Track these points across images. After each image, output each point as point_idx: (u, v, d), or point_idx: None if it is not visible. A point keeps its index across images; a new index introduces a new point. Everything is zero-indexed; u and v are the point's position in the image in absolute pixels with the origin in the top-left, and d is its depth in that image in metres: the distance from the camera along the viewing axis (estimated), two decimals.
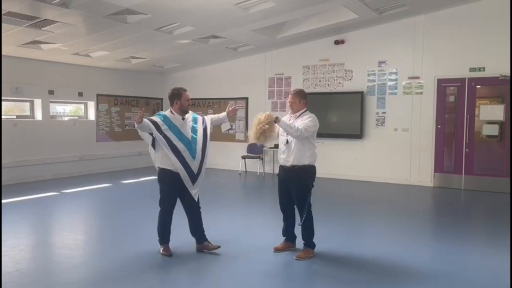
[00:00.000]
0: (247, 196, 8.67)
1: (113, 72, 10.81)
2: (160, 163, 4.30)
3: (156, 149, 4.33)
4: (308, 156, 4.20)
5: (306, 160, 4.19)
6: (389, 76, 9.12)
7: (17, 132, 8.87)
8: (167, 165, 4.26)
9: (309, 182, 4.23)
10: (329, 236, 5.11)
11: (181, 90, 4.37)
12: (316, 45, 9.81)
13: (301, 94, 4.45)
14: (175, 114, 4.33)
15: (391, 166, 9.08)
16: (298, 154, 4.18)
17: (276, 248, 4.50)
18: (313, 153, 4.26)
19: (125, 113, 11.31)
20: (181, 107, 4.33)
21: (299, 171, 4.20)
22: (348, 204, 7.26)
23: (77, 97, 10.15)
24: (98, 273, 3.97)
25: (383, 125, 9.20)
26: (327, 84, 9.83)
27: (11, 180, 8.58)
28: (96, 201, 7.57)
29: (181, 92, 4.35)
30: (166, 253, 4.35)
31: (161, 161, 4.29)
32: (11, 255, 4.33)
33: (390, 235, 5.30)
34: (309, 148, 4.22)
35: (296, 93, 4.42)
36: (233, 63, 10.89)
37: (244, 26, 7.89)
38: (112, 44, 8.35)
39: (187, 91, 4.40)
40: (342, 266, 4.15)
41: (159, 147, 4.26)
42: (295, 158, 4.19)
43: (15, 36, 7.21)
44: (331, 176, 9.68)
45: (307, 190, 4.22)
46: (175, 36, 8.03)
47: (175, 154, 4.19)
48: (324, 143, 9.82)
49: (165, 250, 4.37)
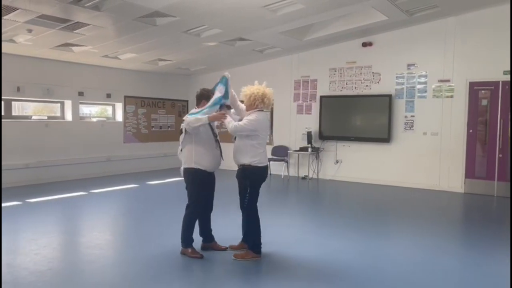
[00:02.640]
0: (271, 199, 8.62)
1: (140, 74, 10.95)
2: (196, 163, 4.28)
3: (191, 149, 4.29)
4: (250, 156, 4.17)
5: (246, 160, 4.18)
6: (418, 79, 8.93)
7: (48, 133, 9.07)
8: (203, 165, 4.27)
9: (247, 183, 4.22)
10: (351, 243, 5.02)
11: (211, 92, 4.40)
12: (343, 47, 9.70)
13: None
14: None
15: (420, 170, 8.88)
16: (238, 154, 4.24)
17: (231, 246, 4.55)
18: (256, 154, 4.19)
19: (151, 114, 11.43)
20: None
21: (238, 170, 4.28)
22: (375, 210, 7.13)
23: (105, 98, 10.32)
24: (127, 273, 3.99)
25: (412, 129, 9.01)
26: (354, 87, 9.70)
27: (41, 180, 8.78)
28: (123, 202, 7.66)
29: (210, 95, 4.36)
30: (197, 255, 4.33)
31: (197, 161, 4.27)
32: (44, 254, 4.41)
33: (417, 242, 5.15)
34: (251, 149, 4.18)
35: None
36: (259, 65, 10.88)
37: (272, 28, 7.86)
38: (141, 46, 8.46)
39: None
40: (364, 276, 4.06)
41: (197, 145, 4.25)
42: (235, 157, 4.29)
43: (48, 38, 7.37)
44: (357, 180, 9.55)
45: (243, 190, 4.24)
46: (203, 39, 8.07)
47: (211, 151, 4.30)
48: (350, 147, 9.75)
49: (193, 252, 4.36)
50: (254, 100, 4.25)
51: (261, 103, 4.27)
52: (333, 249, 4.74)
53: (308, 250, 4.71)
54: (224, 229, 5.00)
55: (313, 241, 5.06)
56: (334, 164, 9.99)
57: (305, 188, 9.25)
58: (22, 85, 8.63)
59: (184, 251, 4.38)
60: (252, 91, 4.30)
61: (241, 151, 4.22)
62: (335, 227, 5.74)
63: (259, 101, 4.25)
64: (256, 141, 4.20)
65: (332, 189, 9.20)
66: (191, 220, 4.38)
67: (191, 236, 4.38)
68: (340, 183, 9.62)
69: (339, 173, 9.94)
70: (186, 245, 4.38)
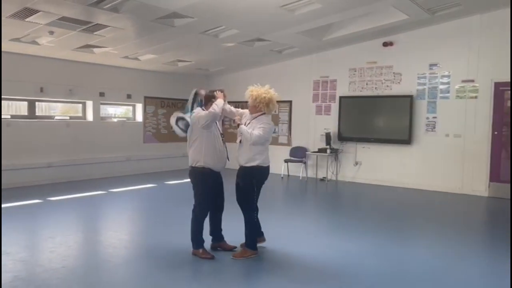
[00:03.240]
0: (288, 200, 8.55)
1: (160, 75, 11.05)
2: (204, 162, 4.27)
3: (199, 148, 4.29)
4: (259, 158, 4.27)
5: (255, 162, 4.25)
6: (441, 79, 8.70)
7: (69, 132, 9.25)
8: (210, 164, 4.26)
9: (254, 182, 4.31)
10: (369, 247, 4.91)
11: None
12: (363, 47, 9.55)
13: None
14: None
15: (442, 173, 8.65)
16: (246, 156, 4.28)
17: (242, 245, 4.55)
18: (265, 156, 4.35)
19: (171, 115, 11.49)
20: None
21: (245, 170, 4.31)
22: (394, 213, 6.97)
23: (125, 99, 10.46)
24: (139, 273, 4.01)
25: (434, 131, 8.79)
26: (374, 88, 9.54)
27: (62, 178, 8.95)
28: (140, 201, 7.73)
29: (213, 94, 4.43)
30: (208, 256, 4.33)
31: (205, 160, 4.26)
32: (59, 252, 4.47)
33: (437, 247, 5.00)
34: (260, 152, 4.29)
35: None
36: (278, 66, 10.82)
37: (290, 29, 7.80)
38: (160, 47, 8.53)
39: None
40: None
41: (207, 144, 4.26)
42: (243, 159, 4.31)
43: (69, 40, 7.51)
44: (376, 182, 9.38)
45: (251, 190, 4.31)
46: (221, 39, 8.07)
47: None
48: (370, 148, 9.59)
49: (204, 253, 4.35)
50: (259, 103, 4.28)
51: (265, 107, 4.30)
52: (348, 252, 4.64)
53: (322, 252, 4.64)
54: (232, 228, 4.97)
55: (329, 244, 4.98)
56: (354, 165, 9.84)
57: (323, 189, 9.15)
58: (45, 86, 8.83)
59: (195, 252, 4.37)
60: (259, 94, 4.31)
61: (249, 153, 4.27)
62: (352, 230, 5.64)
63: (263, 105, 4.29)
64: (265, 145, 4.35)
65: (351, 191, 9.06)
66: (198, 221, 4.38)
67: (200, 237, 4.38)
68: (359, 185, 9.47)
69: (358, 175, 9.79)
70: (196, 246, 4.39)
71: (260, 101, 4.27)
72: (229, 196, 4.58)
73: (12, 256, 4.26)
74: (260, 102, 4.27)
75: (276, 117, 11.10)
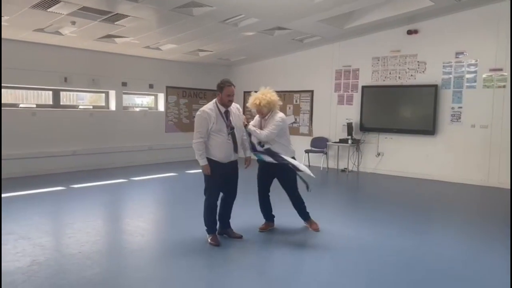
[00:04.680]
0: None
1: (181, 65, 11.10)
2: (210, 155, 4.32)
3: (207, 142, 4.31)
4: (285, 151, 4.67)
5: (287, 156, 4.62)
6: (467, 68, 8.41)
7: (93, 122, 9.43)
8: (215, 156, 4.31)
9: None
10: (388, 239, 4.82)
11: (225, 83, 4.38)
12: (386, 35, 9.31)
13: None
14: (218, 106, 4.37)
15: (467, 165, 8.40)
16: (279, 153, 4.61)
17: (261, 228, 4.92)
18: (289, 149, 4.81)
19: (192, 105, 11.58)
20: (221, 101, 4.37)
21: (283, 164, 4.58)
22: (416, 205, 6.82)
23: (148, 89, 10.57)
24: (152, 259, 4.07)
25: (459, 121, 8.53)
26: (397, 77, 9.31)
27: (86, 166, 9.15)
28: (160, 189, 7.83)
29: (223, 86, 4.35)
30: (215, 243, 4.37)
31: (212, 152, 4.32)
32: (77, 237, 4.58)
33: (460, 241, 4.87)
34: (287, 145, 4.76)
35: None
36: (299, 55, 10.70)
37: (310, 17, 7.67)
38: (180, 37, 8.55)
39: (232, 85, 4.39)
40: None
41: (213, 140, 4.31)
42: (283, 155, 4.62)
43: (91, 30, 7.62)
44: (399, 174, 9.20)
45: (292, 178, 4.78)
46: (240, 28, 8.02)
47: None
48: (393, 139, 9.40)
49: (213, 239, 4.41)
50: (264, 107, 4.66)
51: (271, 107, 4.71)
52: (367, 245, 4.57)
53: (340, 244, 4.58)
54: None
55: (347, 235, 4.91)
56: (375, 156, 9.67)
57: (344, 181, 9.04)
58: (69, 76, 9.01)
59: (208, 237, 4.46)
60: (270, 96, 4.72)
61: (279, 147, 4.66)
62: (372, 221, 5.54)
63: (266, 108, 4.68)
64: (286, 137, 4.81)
65: (372, 182, 8.91)
66: (207, 207, 4.44)
67: (212, 223, 4.46)
68: (381, 176, 9.31)
69: (380, 166, 9.62)
70: (208, 231, 4.47)
71: (264, 105, 4.62)
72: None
73: (32, 241, 4.40)
74: (264, 106, 4.62)
75: (297, 107, 11.01)
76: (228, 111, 4.40)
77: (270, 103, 4.63)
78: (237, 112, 4.51)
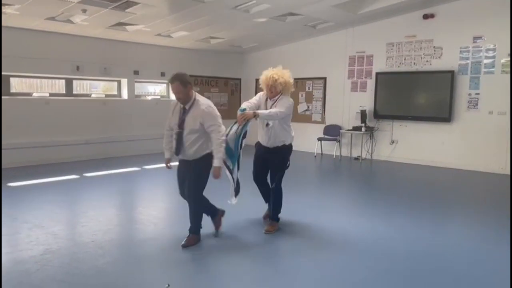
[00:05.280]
0: (320, 179, 8.42)
1: (193, 53, 11.02)
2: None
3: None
4: (286, 137, 4.50)
5: (285, 141, 4.48)
6: (485, 53, 8.18)
7: (105, 110, 9.45)
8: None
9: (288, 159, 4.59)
10: (401, 229, 4.75)
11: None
12: (401, 20, 9.09)
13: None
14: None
15: (484, 152, 8.22)
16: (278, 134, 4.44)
17: (265, 216, 4.79)
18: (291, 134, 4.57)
19: (204, 93, 11.51)
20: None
21: (281, 149, 4.49)
22: (431, 194, 6.71)
23: (159, 77, 10.54)
24: (164, 249, 4.06)
25: (476, 108, 8.33)
26: (412, 63, 9.10)
27: (99, 155, 9.20)
28: (173, 178, 7.81)
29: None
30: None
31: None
32: (90, 226, 4.60)
33: (475, 231, 4.76)
34: (288, 131, 4.52)
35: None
36: (312, 41, 10.53)
37: (323, 2, 7.51)
38: (191, 24, 8.47)
39: (173, 83, 4.05)
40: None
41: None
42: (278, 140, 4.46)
43: (102, 18, 7.57)
44: (413, 162, 9.07)
45: (285, 165, 4.57)
46: (252, 15, 7.91)
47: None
48: (407, 126, 9.25)
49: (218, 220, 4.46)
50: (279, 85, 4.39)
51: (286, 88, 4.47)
52: (379, 231, 4.51)
53: (352, 233, 4.52)
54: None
55: (358, 224, 4.85)
56: (389, 144, 9.53)
57: (357, 169, 8.93)
58: (81, 64, 9.01)
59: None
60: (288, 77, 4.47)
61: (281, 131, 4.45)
62: (386, 210, 5.47)
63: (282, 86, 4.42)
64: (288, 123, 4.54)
65: (386, 170, 8.80)
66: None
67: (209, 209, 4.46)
68: (395, 164, 9.18)
69: (394, 154, 9.48)
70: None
71: (281, 83, 4.37)
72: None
73: (46, 230, 4.43)
74: (280, 83, 4.37)
75: (310, 94, 10.88)
76: (186, 110, 4.00)
77: (287, 84, 4.42)
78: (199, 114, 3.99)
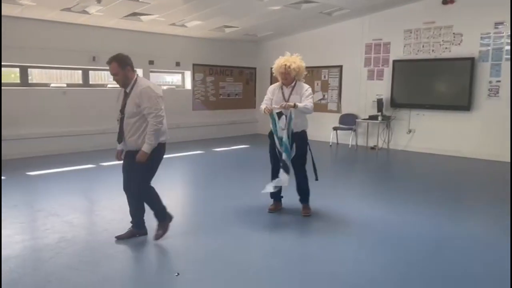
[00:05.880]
0: (336, 169, 8.35)
1: (208, 42, 10.98)
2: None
3: None
4: (306, 123, 4.64)
5: (305, 127, 4.63)
6: (507, 40, 7.92)
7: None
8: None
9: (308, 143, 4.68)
10: (419, 219, 4.67)
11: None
12: (420, 6, 8.86)
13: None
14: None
15: (504, 142, 8.00)
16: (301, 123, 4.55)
17: (270, 208, 4.80)
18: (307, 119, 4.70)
19: (219, 82, 11.51)
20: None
21: (301, 134, 4.57)
22: (449, 184, 6.58)
23: (174, 67, 10.55)
24: (177, 238, 4.08)
25: (497, 96, 8.10)
26: (431, 50, 8.89)
27: (115, 145, 9.15)
28: (187, 167, 7.88)
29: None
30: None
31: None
32: (104, 215, 4.67)
33: (493, 225, 4.66)
34: (306, 117, 4.64)
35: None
36: (328, 29, 10.36)
37: None
38: (205, 13, 8.43)
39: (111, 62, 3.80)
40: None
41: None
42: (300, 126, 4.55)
43: (117, 8, 7.60)
44: (431, 151, 8.91)
45: (307, 147, 4.66)
46: (266, 3, 7.82)
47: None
48: (425, 115, 9.08)
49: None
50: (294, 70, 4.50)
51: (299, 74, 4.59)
52: (395, 222, 4.45)
53: (365, 223, 4.48)
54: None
55: (372, 214, 4.79)
56: (407, 133, 9.37)
57: (374, 158, 8.83)
58: (98, 55, 9.06)
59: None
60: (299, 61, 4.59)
61: (303, 120, 4.58)
62: (402, 201, 5.38)
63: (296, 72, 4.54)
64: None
65: (403, 160, 8.67)
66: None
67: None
68: (412, 154, 9.04)
69: (411, 143, 9.32)
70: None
71: (294, 69, 4.46)
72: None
73: (61, 218, 4.51)
74: (293, 69, 4.46)
75: (325, 83, 10.75)
76: (127, 93, 3.77)
77: (300, 68, 4.53)
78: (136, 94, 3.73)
